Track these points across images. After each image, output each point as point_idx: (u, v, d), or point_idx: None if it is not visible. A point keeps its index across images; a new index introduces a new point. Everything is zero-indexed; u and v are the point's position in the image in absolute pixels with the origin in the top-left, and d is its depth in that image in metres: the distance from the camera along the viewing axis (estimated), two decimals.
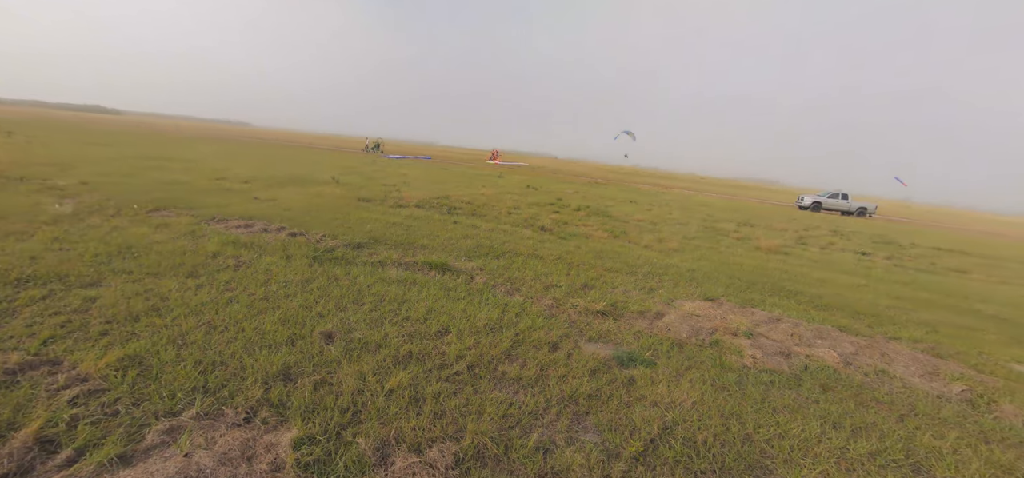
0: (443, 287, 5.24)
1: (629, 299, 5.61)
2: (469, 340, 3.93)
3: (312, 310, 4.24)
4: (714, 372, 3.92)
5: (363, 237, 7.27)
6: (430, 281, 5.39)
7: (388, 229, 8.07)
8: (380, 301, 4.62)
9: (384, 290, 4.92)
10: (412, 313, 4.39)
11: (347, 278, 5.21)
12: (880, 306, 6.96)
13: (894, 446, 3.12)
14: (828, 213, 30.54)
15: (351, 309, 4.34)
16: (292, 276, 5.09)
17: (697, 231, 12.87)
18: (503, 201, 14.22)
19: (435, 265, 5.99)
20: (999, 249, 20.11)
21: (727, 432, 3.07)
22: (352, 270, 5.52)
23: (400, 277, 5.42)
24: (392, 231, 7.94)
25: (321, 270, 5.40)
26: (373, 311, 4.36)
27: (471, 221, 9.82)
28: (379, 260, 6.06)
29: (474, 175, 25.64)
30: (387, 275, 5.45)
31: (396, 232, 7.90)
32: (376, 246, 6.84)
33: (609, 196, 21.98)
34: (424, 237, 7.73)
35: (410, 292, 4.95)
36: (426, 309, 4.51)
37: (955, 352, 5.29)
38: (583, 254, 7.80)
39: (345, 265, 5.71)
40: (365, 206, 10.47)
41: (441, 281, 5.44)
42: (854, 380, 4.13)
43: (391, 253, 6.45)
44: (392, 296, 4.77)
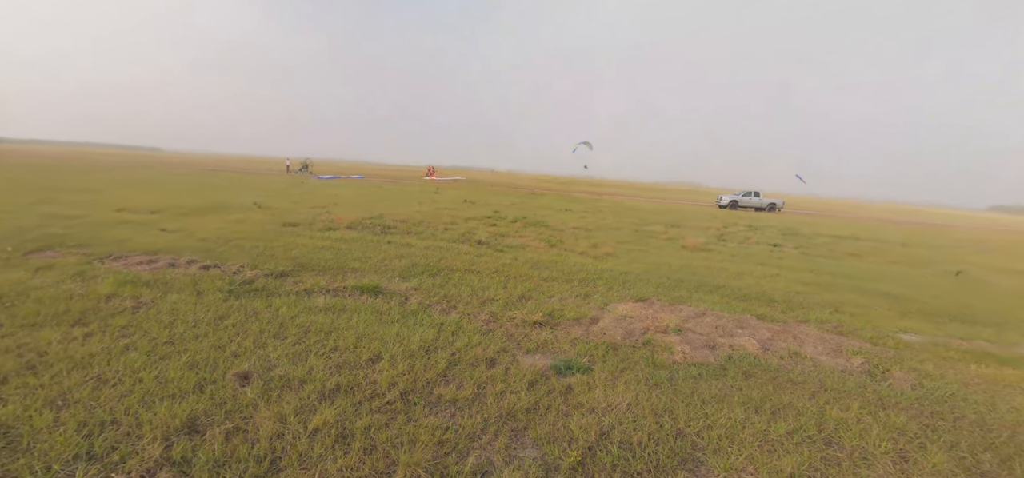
0: (375, 311, 5.02)
1: (565, 307, 5.69)
2: (402, 365, 3.77)
3: (226, 350, 3.87)
4: (647, 371, 4.05)
5: (288, 265, 6.82)
6: (361, 306, 5.14)
7: (316, 254, 7.64)
8: (305, 333, 4.32)
9: (310, 320, 4.61)
10: (341, 342, 4.14)
11: (268, 311, 4.83)
12: (791, 293, 7.61)
13: (808, 423, 3.38)
14: (744, 210, 33.21)
15: (272, 345, 4.02)
16: (203, 314, 4.63)
17: (629, 235, 13.45)
18: (440, 217, 14.04)
19: (367, 289, 5.74)
20: (886, 233, 22.92)
21: (661, 430, 3.17)
22: (274, 302, 5.13)
23: (328, 305, 5.12)
24: (320, 256, 7.53)
25: (238, 305, 4.97)
26: (297, 344, 4.07)
27: (406, 240, 9.57)
28: (305, 288, 5.70)
29: (410, 192, 25.15)
30: (314, 304, 5.13)
31: (325, 256, 7.49)
32: (302, 273, 6.44)
33: (546, 206, 22.43)
34: (355, 260, 7.39)
35: (339, 320, 4.69)
36: (356, 336, 4.28)
37: (855, 329, 5.89)
38: (520, 266, 7.85)
39: (266, 297, 5.30)
40: (291, 231, 9.86)
41: (373, 305, 5.21)
42: (772, 364, 4.45)
43: (319, 279, 6.09)
44: (319, 326, 4.48)
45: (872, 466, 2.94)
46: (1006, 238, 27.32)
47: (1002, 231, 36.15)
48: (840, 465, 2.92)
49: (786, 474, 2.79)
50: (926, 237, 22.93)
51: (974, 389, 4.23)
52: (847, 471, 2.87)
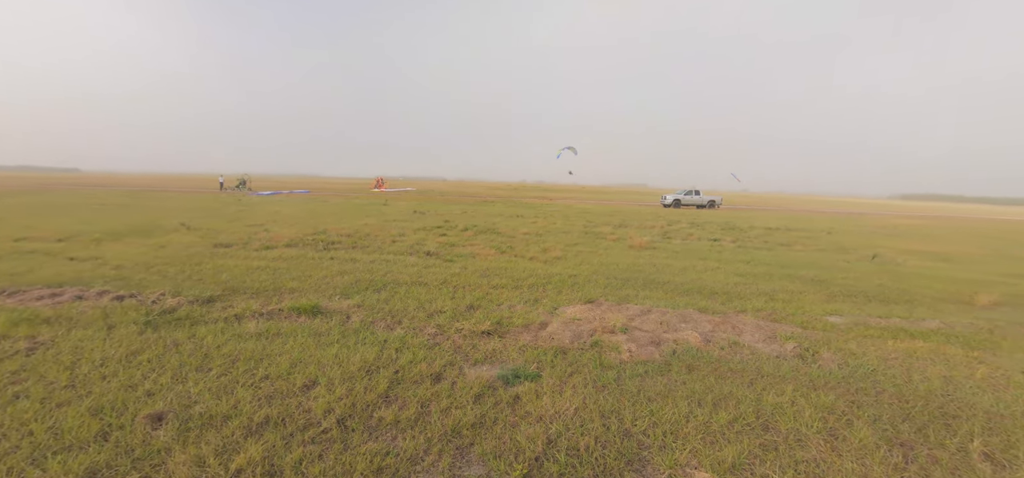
0: (313, 333, 4.72)
1: (514, 314, 5.63)
2: (340, 389, 3.54)
3: (138, 389, 3.48)
4: (595, 373, 4.05)
5: (216, 289, 6.31)
6: (297, 329, 4.82)
7: (249, 275, 7.13)
8: (232, 362, 3.97)
9: (238, 348, 4.26)
10: (273, 370, 3.84)
11: (191, 342, 4.42)
12: (730, 284, 7.98)
13: (747, 411, 3.48)
14: (687, 208, 34.82)
15: (193, 379, 3.66)
16: (113, 351, 4.16)
17: (578, 238, 13.66)
18: (387, 229, 13.63)
19: (305, 309, 5.40)
20: (812, 223, 24.75)
21: (608, 432, 3.16)
22: (198, 331, 4.70)
23: (260, 330, 4.76)
24: (254, 277, 7.03)
25: (155, 337, 4.51)
26: (222, 376, 3.73)
27: (350, 255, 9.18)
28: (234, 313, 5.28)
29: (357, 205, 24.32)
30: (243, 330, 4.75)
31: (259, 278, 7.01)
32: (232, 297, 5.97)
33: (497, 213, 22.41)
34: (293, 279, 6.97)
35: (272, 346, 4.36)
36: (290, 362, 3.99)
37: (787, 315, 6.23)
38: (469, 275, 7.73)
39: (189, 326, 4.85)
40: (223, 252, 9.18)
41: (311, 327, 4.90)
42: (713, 356, 4.59)
43: (251, 303, 5.67)
44: (248, 354, 4.14)
45: (806, 447, 3.06)
46: (911, 223, 30.34)
47: (908, 216, 40.15)
48: (777, 450, 3.02)
49: (728, 464, 2.84)
50: (846, 225, 25.01)
51: (892, 364, 4.56)
52: (784, 454, 2.98)
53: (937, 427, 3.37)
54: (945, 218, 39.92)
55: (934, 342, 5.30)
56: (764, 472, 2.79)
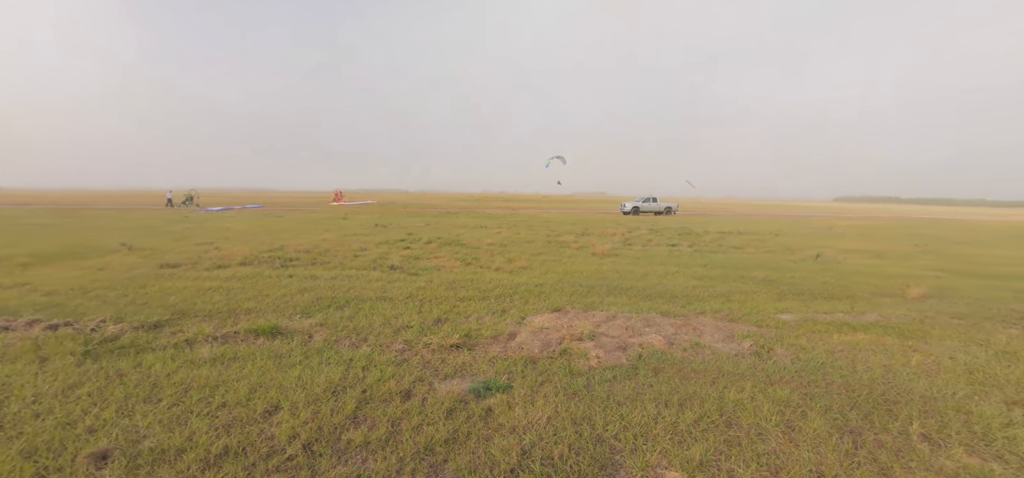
0: (273, 355, 4.51)
1: (483, 326, 5.61)
2: (305, 413, 3.40)
3: (78, 426, 3.21)
4: (565, 380, 4.09)
5: (164, 313, 5.92)
6: (256, 351, 4.59)
7: (200, 297, 6.74)
8: (185, 391, 3.74)
9: (191, 376, 4.01)
10: (231, 396, 3.64)
11: (137, 371, 4.12)
12: (689, 287, 8.28)
13: (711, 409, 3.62)
14: (646, 215, 35.94)
15: (141, 412, 3.41)
16: (46, 386, 3.82)
17: (542, 247, 13.80)
18: (348, 244, 13.27)
19: (263, 331, 5.16)
20: (761, 226, 26.13)
21: (581, 439, 3.19)
22: (145, 359, 4.39)
23: (215, 354, 4.50)
24: (206, 299, 6.66)
25: (96, 368, 4.17)
26: (174, 406, 3.50)
27: (310, 272, 8.86)
28: (185, 339, 4.97)
29: (315, 220, 23.54)
30: (196, 355, 4.48)
31: (212, 299, 6.64)
32: (182, 321, 5.63)
33: (461, 224, 22.31)
34: (249, 299, 6.66)
35: (229, 371, 4.13)
36: (249, 387, 3.80)
37: (743, 314, 6.53)
38: (435, 288, 7.64)
39: (135, 354, 4.52)
40: (170, 274, 8.64)
41: (270, 349, 4.69)
42: (677, 357, 4.74)
43: (204, 327, 5.36)
44: (203, 381, 3.91)
45: (766, 440, 3.22)
46: (849, 223, 32.62)
47: (845, 217, 43.13)
48: (740, 444, 3.16)
49: (696, 462, 2.94)
50: (792, 227, 26.58)
51: (838, 356, 4.87)
52: (746, 448, 3.11)
53: (881, 413, 3.62)
54: (878, 219, 43.21)
55: (874, 334, 5.71)
56: (730, 467, 2.91)
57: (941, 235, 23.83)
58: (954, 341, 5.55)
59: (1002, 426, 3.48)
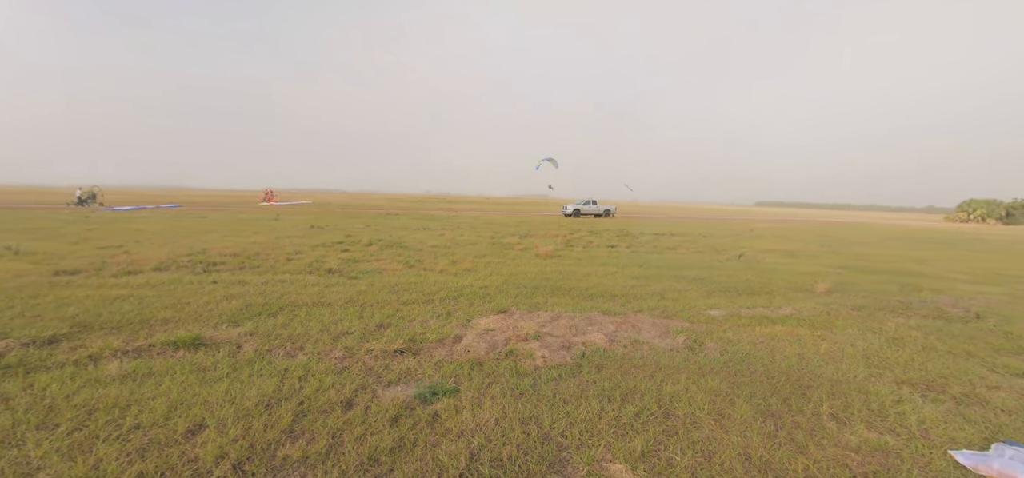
0: (196, 369, 4.13)
1: (427, 329, 5.50)
2: (235, 429, 3.15)
3: None
4: (512, 381, 4.11)
5: (61, 326, 5.22)
6: (175, 366, 4.18)
7: (106, 307, 6.03)
8: (89, 414, 3.32)
9: (96, 396, 3.57)
10: (145, 417, 3.29)
11: (27, 394, 3.61)
12: (627, 286, 8.65)
13: (651, 402, 3.80)
14: (586, 217, 37.08)
15: (33, 440, 2.98)
16: None
17: (487, 248, 13.81)
18: (281, 247, 12.47)
19: (183, 342, 4.71)
20: (691, 228, 27.89)
21: (528, 438, 3.22)
22: (38, 379, 3.85)
23: (125, 371, 4.04)
24: (114, 309, 5.96)
25: None
26: (75, 432, 3.10)
27: (237, 277, 8.22)
28: (88, 354, 4.41)
29: (243, 221, 21.87)
30: (102, 373, 4.00)
31: (121, 309, 5.96)
32: (85, 335, 5.00)
33: (402, 225, 21.77)
34: (166, 308, 6.05)
35: (142, 388, 3.73)
36: (168, 405, 3.45)
37: (677, 311, 6.92)
38: (377, 291, 7.38)
39: (24, 374, 3.95)
40: (68, 281, 7.64)
41: (192, 362, 4.29)
42: (618, 354, 4.93)
43: (110, 340, 4.79)
44: (111, 401, 3.50)
45: (700, 428, 3.43)
46: (766, 226, 35.73)
47: (763, 220, 47.21)
48: (677, 434, 3.34)
49: (638, 453, 3.07)
50: (718, 229, 28.64)
51: (760, 347, 5.31)
52: (683, 437, 3.30)
53: (796, 397, 3.99)
54: (790, 222, 47.64)
55: (789, 326, 6.28)
56: (668, 456, 3.06)
57: (841, 236, 26.78)
58: (854, 330, 6.24)
59: (894, 403, 3.96)
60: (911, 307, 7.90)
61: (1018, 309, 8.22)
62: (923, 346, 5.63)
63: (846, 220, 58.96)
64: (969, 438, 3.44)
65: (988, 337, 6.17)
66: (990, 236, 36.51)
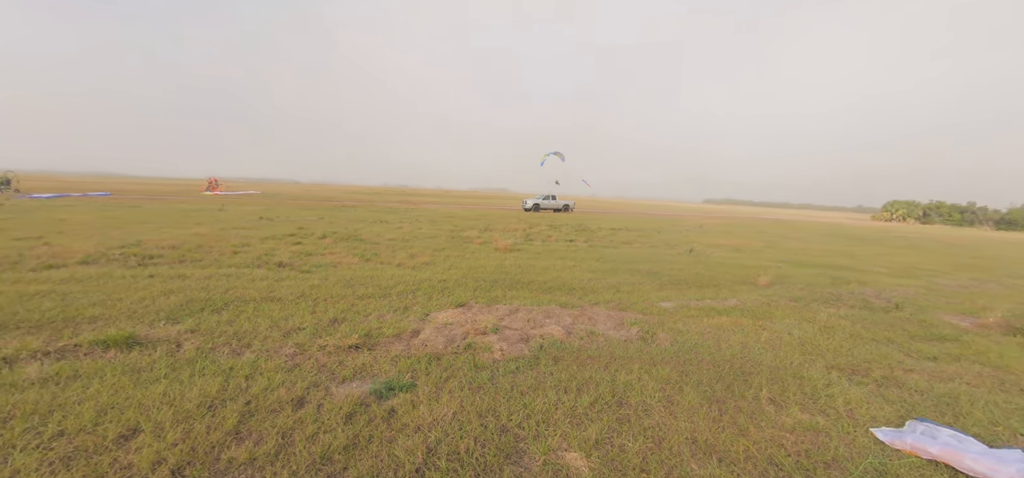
0: (129, 370, 3.85)
1: (384, 324, 5.39)
2: (173, 433, 2.96)
3: None
4: (470, 375, 4.12)
5: None
6: (105, 367, 3.88)
7: (23, 305, 5.49)
8: (3, 423, 3.03)
9: (12, 402, 3.26)
10: (71, 423, 3.03)
11: None
12: (585, 280, 8.84)
13: (605, 392, 3.91)
14: (545, 212, 37.49)
15: None
16: None
17: (446, 242, 13.68)
18: (227, 239, 11.79)
19: (114, 341, 4.36)
20: (645, 224, 28.83)
21: (486, 431, 3.24)
22: None
23: (47, 374, 3.71)
24: (32, 306, 5.43)
25: None
26: None
27: (177, 271, 7.71)
28: (3, 357, 4.00)
29: (184, 211, 20.47)
30: (19, 377, 3.64)
31: (40, 306, 5.44)
32: None
33: (359, 218, 21.15)
34: (95, 305, 5.59)
35: (67, 392, 3.43)
36: (97, 410, 3.20)
37: (631, 303, 7.15)
38: (331, 285, 7.14)
39: None
40: None
41: (125, 362, 3.99)
42: (574, 346, 5.04)
43: (29, 341, 4.36)
44: (30, 407, 3.20)
45: (651, 414, 3.57)
46: (715, 222, 37.53)
47: (712, 217, 49.55)
48: (630, 421, 3.46)
49: (592, 441, 3.16)
50: (671, 225, 29.79)
51: (707, 337, 5.58)
52: (634, 424, 3.43)
53: (739, 383, 4.23)
54: (736, 219, 50.25)
55: (734, 317, 6.65)
56: (621, 442, 3.17)
57: (781, 233, 28.56)
58: (791, 320, 6.69)
59: (824, 386, 4.29)
60: (841, 298, 8.56)
61: (931, 300, 9.10)
62: (850, 334, 6.12)
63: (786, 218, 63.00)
64: (888, 417, 3.78)
65: (905, 325, 6.79)
66: (909, 234, 40.22)
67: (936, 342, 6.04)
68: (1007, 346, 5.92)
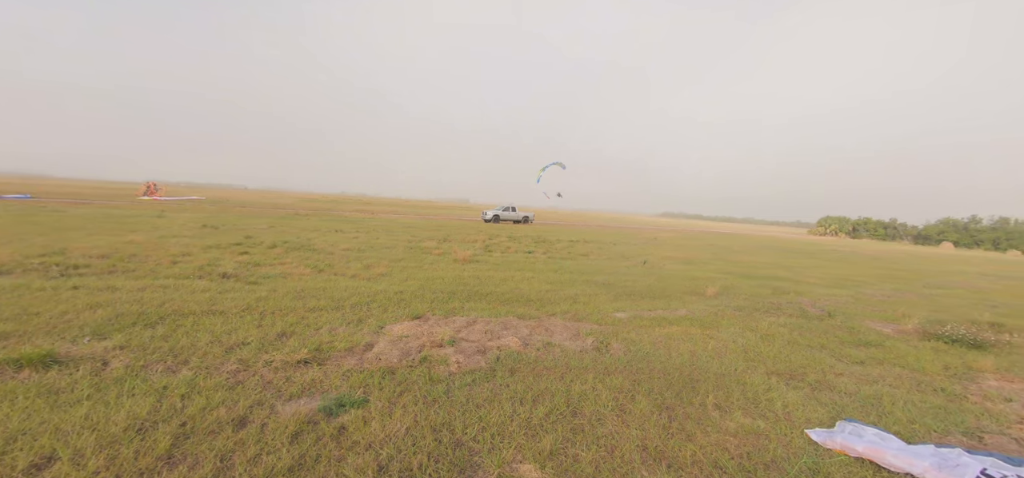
0: (45, 391, 3.50)
1: (336, 337, 5.21)
2: (96, 460, 2.72)
3: None
4: (425, 388, 4.05)
5: None
6: (17, 389, 3.51)
7: None
8: None
9: None
10: None
11: None
12: (542, 291, 8.93)
13: (560, 402, 3.95)
14: (505, 223, 37.64)
15: None
16: None
17: (403, 253, 13.44)
18: (165, 248, 11.02)
19: (29, 360, 3.96)
20: (602, 236, 29.54)
21: (440, 445, 3.19)
22: None
23: None
24: None
25: None
26: None
27: (106, 282, 7.11)
28: None
29: (117, 217, 18.94)
30: None
31: None
32: None
33: (312, 227, 20.39)
34: (6, 320, 5.04)
35: None
36: (5, 437, 2.89)
37: (587, 314, 7.28)
38: (280, 298, 6.82)
39: None
40: None
41: (41, 383, 3.63)
42: (531, 357, 5.07)
43: None
44: None
45: (604, 423, 3.64)
46: (669, 235, 39.04)
47: (666, 230, 51.53)
48: (584, 431, 3.52)
49: (546, 452, 3.18)
50: (626, 237, 30.69)
51: (659, 346, 5.78)
52: (588, 433, 3.48)
53: (687, 391, 4.40)
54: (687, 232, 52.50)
55: (683, 326, 6.92)
56: (575, 452, 3.22)
57: (727, 246, 30.10)
58: (735, 329, 7.04)
59: (765, 391, 4.53)
60: (780, 308, 9.11)
61: (859, 308, 9.86)
62: (788, 341, 6.52)
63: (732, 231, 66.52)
64: (821, 418, 4.05)
65: (837, 332, 7.32)
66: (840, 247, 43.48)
67: (863, 347, 6.54)
68: (923, 350, 6.50)
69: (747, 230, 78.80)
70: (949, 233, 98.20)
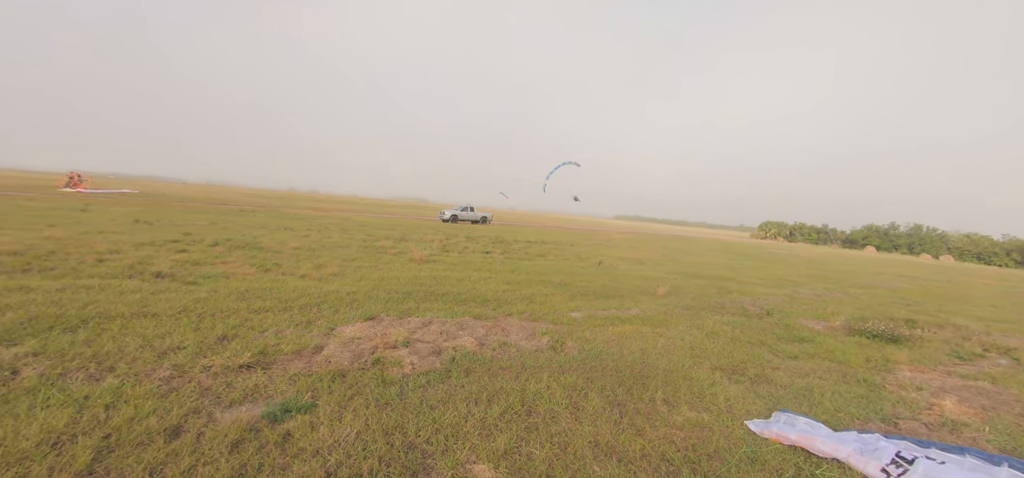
0: None
1: (282, 340, 4.97)
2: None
3: None
4: (377, 391, 3.94)
5: None
6: None
7: None
8: None
9: None
10: None
11: None
12: (499, 291, 8.94)
13: (515, 401, 3.97)
14: (464, 223, 37.41)
15: None
16: None
17: (357, 252, 13.05)
18: (89, 244, 10.08)
19: None
20: (558, 237, 29.99)
21: (392, 449, 3.12)
22: None
23: None
24: None
25: None
26: None
27: (19, 282, 6.42)
28: None
29: (33, 210, 17.12)
30: None
31: None
32: None
33: (260, 224, 19.37)
34: None
35: None
36: None
37: (543, 314, 7.36)
38: (221, 299, 6.42)
39: None
40: None
41: None
42: (487, 357, 5.06)
43: None
44: None
45: (557, 421, 3.69)
46: (622, 237, 40.22)
47: (620, 232, 53.06)
48: (538, 429, 3.55)
49: (501, 451, 3.18)
50: (582, 238, 31.33)
51: (611, 344, 5.93)
52: (542, 431, 3.52)
53: (638, 387, 4.54)
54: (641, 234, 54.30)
55: (635, 325, 7.14)
56: (528, 450, 3.24)
57: (678, 247, 31.43)
58: (683, 327, 7.35)
59: (709, 385, 4.76)
60: (724, 307, 9.61)
61: (795, 307, 10.57)
62: (731, 338, 6.89)
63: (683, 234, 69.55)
64: (759, 409, 4.30)
65: (774, 329, 7.81)
66: (778, 250, 46.51)
67: (797, 343, 7.02)
68: (849, 345, 7.06)
69: (697, 233, 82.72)
70: (872, 238, 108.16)
